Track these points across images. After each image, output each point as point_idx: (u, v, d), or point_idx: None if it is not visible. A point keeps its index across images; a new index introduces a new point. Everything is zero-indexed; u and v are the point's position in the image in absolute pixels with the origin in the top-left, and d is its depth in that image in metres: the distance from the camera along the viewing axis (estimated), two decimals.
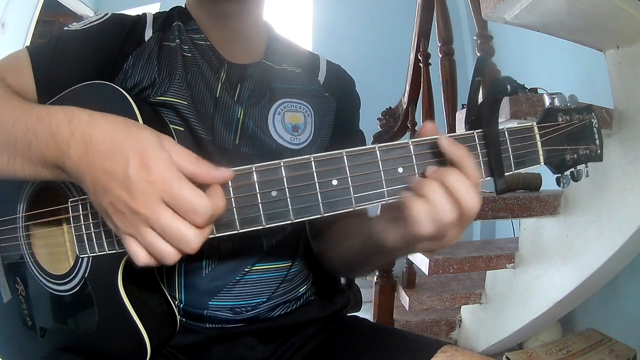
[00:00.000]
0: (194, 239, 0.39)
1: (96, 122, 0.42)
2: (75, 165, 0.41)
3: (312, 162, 0.42)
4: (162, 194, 0.38)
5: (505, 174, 0.42)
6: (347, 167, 0.42)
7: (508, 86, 0.40)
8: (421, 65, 1.75)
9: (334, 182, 0.42)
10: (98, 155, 0.40)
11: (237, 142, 0.63)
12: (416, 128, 1.87)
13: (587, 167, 0.47)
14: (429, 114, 1.68)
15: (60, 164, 0.43)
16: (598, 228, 1.27)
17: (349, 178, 0.42)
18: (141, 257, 0.41)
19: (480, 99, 0.44)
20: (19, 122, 0.45)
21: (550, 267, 1.43)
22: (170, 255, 0.40)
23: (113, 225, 0.42)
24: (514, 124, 1.15)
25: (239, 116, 0.63)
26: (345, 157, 0.42)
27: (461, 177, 0.41)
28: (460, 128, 1.38)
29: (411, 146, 0.42)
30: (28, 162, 0.45)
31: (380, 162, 0.42)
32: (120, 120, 0.42)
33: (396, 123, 1.95)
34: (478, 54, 1.54)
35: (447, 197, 0.41)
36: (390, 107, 2.01)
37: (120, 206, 0.39)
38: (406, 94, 1.90)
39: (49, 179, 0.46)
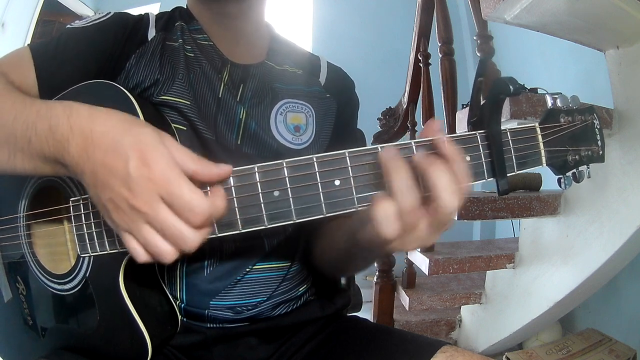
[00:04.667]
0: (192, 237, 0.39)
1: (97, 117, 0.42)
2: (74, 160, 0.41)
3: (315, 163, 0.42)
4: (161, 191, 0.38)
5: (507, 174, 0.42)
6: (349, 168, 0.42)
7: (510, 87, 0.40)
8: (421, 65, 1.75)
9: (337, 183, 0.42)
10: (98, 150, 0.40)
11: (239, 142, 0.63)
12: (416, 128, 1.87)
13: (588, 168, 0.47)
14: (429, 114, 1.68)
15: (60, 159, 0.43)
16: (598, 228, 1.27)
17: (352, 178, 0.42)
18: (140, 255, 0.41)
19: (482, 99, 0.44)
20: (19, 117, 0.45)
21: (550, 267, 1.43)
22: (168, 253, 0.40)
23: (111, 222, 0.42)
24: (514, 124, 1.16)
25: (241, 116, 0.63)
26: (347, 157, 0.42)
27: (445, 170, 0.39)
28: (460, 128, 1.38)
29: (414, 147, 0.42)
30: (28, 158, 0.45)
31: None
32: (121, 116, 0.42)
33: (396, 123, 1.95)
34: (478, 54, 1.54)
35: (413, 188, 0.38)
36: (390, 107, 2.01)
37: (120, 202, 0.39)
38: (406, 94, 1.90)
39: (48, 175, 0.46)
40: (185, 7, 0.70)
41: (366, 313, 1.05)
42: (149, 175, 0.38)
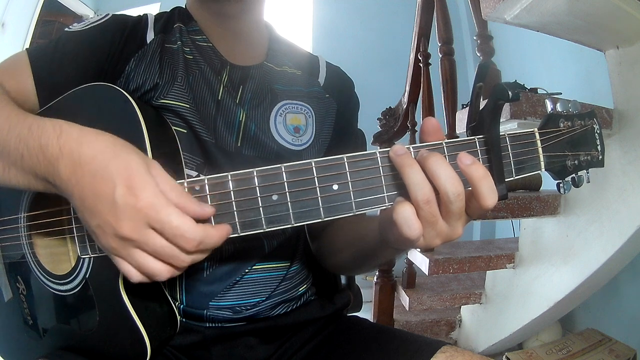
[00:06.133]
0: (186, 256, 0.40)
1: (86, 139, 0.41)
2: (64, 181, 0.41)
3: (313, 167, 0.42)
4: (149, 220, 0.38)
5: (506, 180, 0.42)
6: (348, 172, 0.42)
7: (509, 92, 0.39)
8: (421, 65, 1.74)
9: (335, 187, 0.42)
10: (87, 175, 0.40)
11: (239, 145, 0.63)
12: (416, 128, 1.87)
13: (588, 172, 0.47)
14: (429, 114, 1.68)
15: (50, 179, 0.42)
16: (598, 228, 1.28)
17: (350, 183, 0.42)
18: (133, 276, 0.41)
19: (482, 104, 0.44)
20: (13, 131, 0.44)
21: (550, 267, 1.43)
22: (162, 272, 0.40)
23: (101, 246, 0.42)
24: (514, 124, 1.16)
25: (240, 119, 0.63)
26: (346, 162, 0.42)
27: (441, 160, 0.40)
28: (460, 128, 1.38)
29: (412, 152, 0.42)
30: (21, 173, 0.45)
31: (381, 167, 0.42)
32: (109, 140, 0.42)
33: (396, 123, 1.95)
34: (478, 54, 1.54)
35: (426, 180, 0.40)
36: (390, 107, 2.01)
37: (108, 230, 0.39)
38: (406, 94, 1.89)
39: (41, 191, 0.46)
40: (184, 7, 0.70)
41: (366, 313, 1.05)
42: (135, 203, 0.38)
